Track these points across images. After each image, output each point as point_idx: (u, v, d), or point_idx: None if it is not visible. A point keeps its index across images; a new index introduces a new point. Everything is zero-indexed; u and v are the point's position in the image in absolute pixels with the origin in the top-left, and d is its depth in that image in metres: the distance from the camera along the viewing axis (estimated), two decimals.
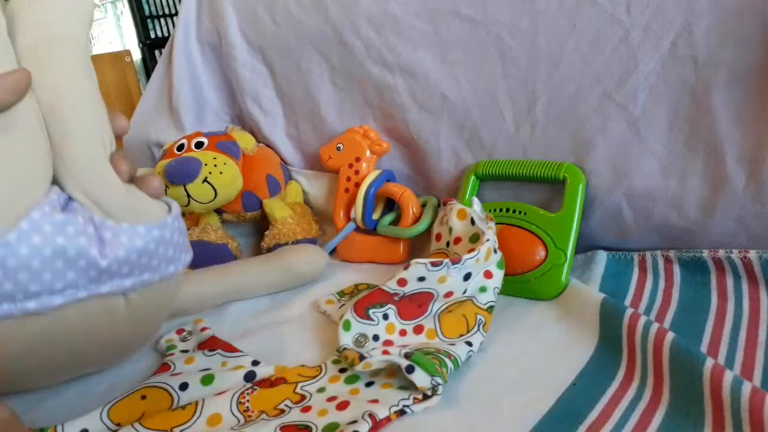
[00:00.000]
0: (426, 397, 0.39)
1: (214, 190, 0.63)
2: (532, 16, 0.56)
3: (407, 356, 0.40)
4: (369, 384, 0.42)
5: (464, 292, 0.47)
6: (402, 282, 0.46)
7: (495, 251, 0.49)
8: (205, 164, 0.63)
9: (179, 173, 0.61)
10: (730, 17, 0.47)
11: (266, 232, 0.68)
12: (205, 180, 0.62)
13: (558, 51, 0.55)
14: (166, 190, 0.59)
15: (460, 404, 0.39)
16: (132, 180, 0.36)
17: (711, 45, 0.48)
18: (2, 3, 0.33)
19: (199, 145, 0.66)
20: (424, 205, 0.65)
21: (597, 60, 0.53)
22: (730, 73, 0.48)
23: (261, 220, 0.72)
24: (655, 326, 0.40)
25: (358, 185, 0.67)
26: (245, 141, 0.71)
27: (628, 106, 0.52)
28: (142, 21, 1.45)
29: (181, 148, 0.66)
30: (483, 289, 0.48)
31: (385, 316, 0.47)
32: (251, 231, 0.76)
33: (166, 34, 1.51)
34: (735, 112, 0.48)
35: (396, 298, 0.47)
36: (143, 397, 0.42)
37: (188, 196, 0.62)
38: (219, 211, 0.71)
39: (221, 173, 0.63)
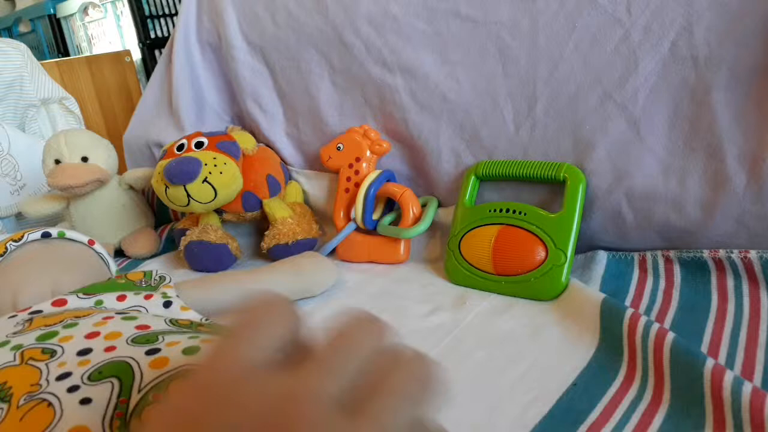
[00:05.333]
0: None
1: (214, 190, 0.63)
2: (533, 15, 0.56)
3: None
4: None
5: None
6: None
7: None
8: (205, 164, 0.62)
9: (179, 173, 0.61)
10: (730, 17, 0.47)
11: (266, 232, 0.68)
12: (205, 180, 0.62)
13: (558, 51, 0.55)
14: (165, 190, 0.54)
15: (461, 404, 0.39)
16: None
17: (711, 45, 0.48)
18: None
19: (199, 145, 0.66)
20: (424, 206, 0.65)
21: (597, 60, 0.53)
22: (731, 73, 0.48)
23: (261, 220, 0.72)
24: (655, 326, 0.40)
25: (358, 185, 0.67)
26: (245, 141, 0.71)
27: (628, 106, 0.52)
28: (142, 21, 1.45)
29: (181, 148, 0.66)
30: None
31: None
32: (251, 231, 0.76)
33: (166, 34, 1.51)
34: (735, 112, 0.48)
35: None
36: None
37: (188, 196, 0.62)
38: (219, 211, 0.71)
39: (221, 173, 0.63)
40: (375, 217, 0.67)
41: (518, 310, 0.51)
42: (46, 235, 0.46)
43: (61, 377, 0.28)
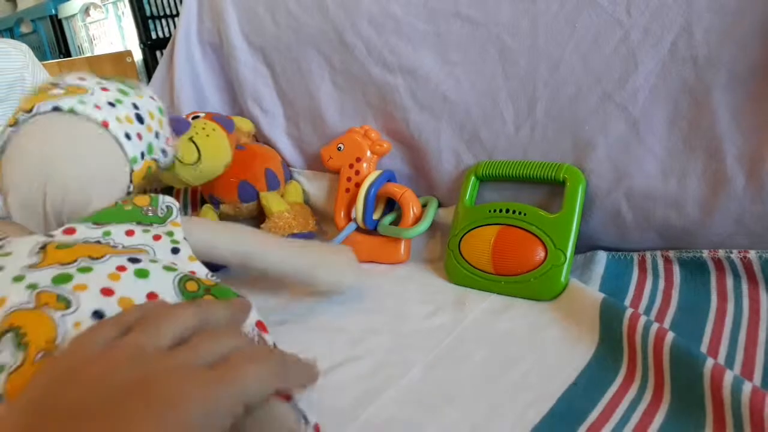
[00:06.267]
0: None
1: (198, 151, 0.62)
2: (533, 16, 0.56)
3: None
4: None
5: None
6: None
7: None
8: (194, 126, 0.64)
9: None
10: (729, 18, 0.47)
11: (262, 225, 0.68)
12: (190, 139, 0.62)
13: (558, 52, 0.55)
14: None
15: (461, 404, 0.40)
16: None
17: (711, 45, 0.48)
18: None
19: (195, 118, 0.68)
20: (424, 206, 0.65)
21: (597, 60, 0.53)
22: (730, 73, 0.48)
23: (258, 214, 0.72)
24: (655, 326, 0.40)
25: (358, 185, 0.67)
26: (242, 122, 0.74)
27: (627, 107, 0.52)
28: (143, 21, 1.46)
29: None
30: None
31: None
32: (248, 225, 0.75)
33: (167, 35, 1.52)
34: (735, 113, 0.48)
35: None
36: None
37: None
38: (216, 203, 0.71)
39: (207, 136, 0.64)
40: (375, 217, 0.67)
41: (518, 310, 0.51)
42: (56, 109, 0.42)
43: None
